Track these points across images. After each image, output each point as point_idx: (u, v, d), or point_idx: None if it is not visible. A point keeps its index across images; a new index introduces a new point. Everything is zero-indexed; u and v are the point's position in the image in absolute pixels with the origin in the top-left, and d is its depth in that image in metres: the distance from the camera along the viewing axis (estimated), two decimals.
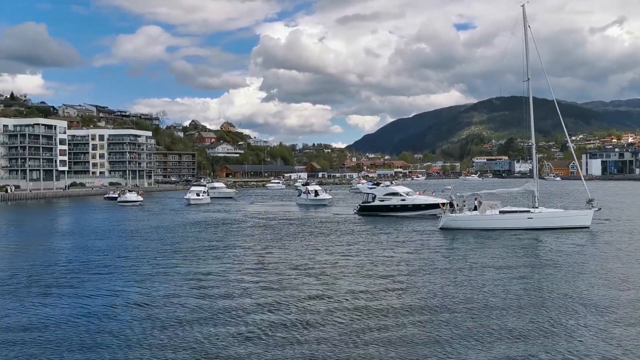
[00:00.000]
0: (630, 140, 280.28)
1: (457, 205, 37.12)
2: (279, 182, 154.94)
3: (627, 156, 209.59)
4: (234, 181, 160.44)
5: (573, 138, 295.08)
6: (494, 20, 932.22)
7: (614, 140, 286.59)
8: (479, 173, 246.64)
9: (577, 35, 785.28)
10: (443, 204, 45.50)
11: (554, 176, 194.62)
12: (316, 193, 69.38)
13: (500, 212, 35.53)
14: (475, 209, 36.65)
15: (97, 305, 16.71)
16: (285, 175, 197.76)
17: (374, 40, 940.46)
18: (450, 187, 41.88)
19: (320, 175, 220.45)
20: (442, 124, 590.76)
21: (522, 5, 37.21)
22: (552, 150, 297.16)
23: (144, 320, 15.01)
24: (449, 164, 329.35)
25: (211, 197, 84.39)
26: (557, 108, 36.72)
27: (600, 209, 36.15)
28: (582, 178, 39.19)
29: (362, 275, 21.04)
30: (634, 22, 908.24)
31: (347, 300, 17.06)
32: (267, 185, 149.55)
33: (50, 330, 14.28)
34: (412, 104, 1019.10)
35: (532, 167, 38.21)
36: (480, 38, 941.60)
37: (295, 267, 23.23)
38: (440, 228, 36.09)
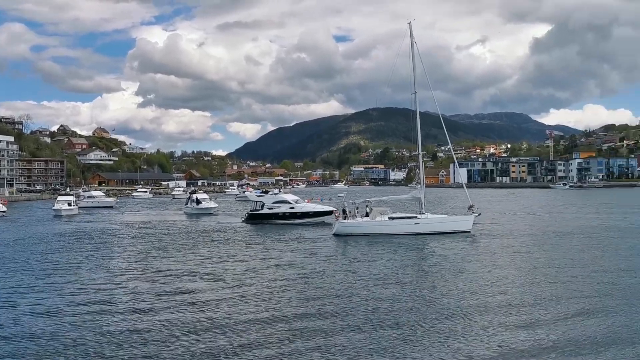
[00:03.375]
0: (491, 150, 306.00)
1: (350, 212, 37.62)
2: (146, 191, 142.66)
3: (489, 165, 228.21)
4: (107, 189, 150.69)
5: (442, 148, 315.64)
6: (371, 34, 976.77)
7: (477, 150, 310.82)
8: (344, 182, 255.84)
9: (445, 52, 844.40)
10: (332, 212, 46.25)
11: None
12: (198, 201, 66.80)
13: (390, 218, 36.52)
14: (366, 215, 37.32)
15: None
16: (163, 183, 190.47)
17: (255, 48, 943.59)
18: (343, 194, 42.35)
19: (200, 183, 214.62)
20: (322, 133, 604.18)
21: (409, 23, 38.71)
22: (424, 159, 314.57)
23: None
24: (328, 172, 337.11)
25: (89, 207, 78.73)
26: (442, 121, 38.73)
27: (480, 214, 38.40)
28: (464, 186, 41.44)
29: (257, 283, 20.44)
30: (495, 42, 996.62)
31: (235, 308, 16.61)
32: (133, 194, 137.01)
33: None
34: (293, 113, 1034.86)
35: (420, 176, 39.78)
36: (358, 50, 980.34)
37: (180, 276, 22.38)
38: (334, 234, 36.43)
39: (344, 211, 37.81)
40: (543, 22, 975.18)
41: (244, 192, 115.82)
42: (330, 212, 47.40)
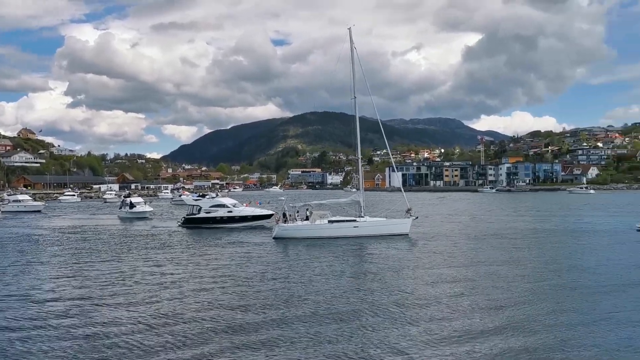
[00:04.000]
0: (426, 155, 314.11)
1: (290, 215, 37.52)
2: (74, 195, 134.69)
3: (424, 169, 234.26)
4: (33, 193, 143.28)
5: (378, 152, 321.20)
6: (309, 38, 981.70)
7: (412, 155, 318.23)
8: (280, 185, 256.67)
9: (382, 58, 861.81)
10: (271, 215, 45.98)
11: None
12: (132, 205, 64.59)
13: (330, 221, 36.68)
14: (307, 219, 37.32)
15: None
16: (94, 186, 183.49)
17: (191, 49, 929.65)
18: (283, 198, 42.14)
19: (133, 186, 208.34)
20: (260, 136, 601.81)
21: (349, 28, 39.09)
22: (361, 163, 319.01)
23: None
24: (265, 175, 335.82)
25: (15, 211, 74.70)
26: (381, 126, 39.20)
27: (417, 217, 39.21)
28: (402, 190, 42.18)
29: (195, 287, 19.98)
30: (429, 49, 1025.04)
31: (173, 312, 16.04)
32: (60, 198, 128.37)
33: None
34: (229, 116, 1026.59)
35: (359, 180, 40.16)
36: (296, 54, 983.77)
37: (114, 281, 21.66)
38: (274, 238, 36.27)
39: (284, 215, 37.68)
40: (474, 32, 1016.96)
41: (180, 195, 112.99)
42: (269, 216, 47.12)
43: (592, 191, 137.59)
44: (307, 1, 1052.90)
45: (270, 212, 48.14)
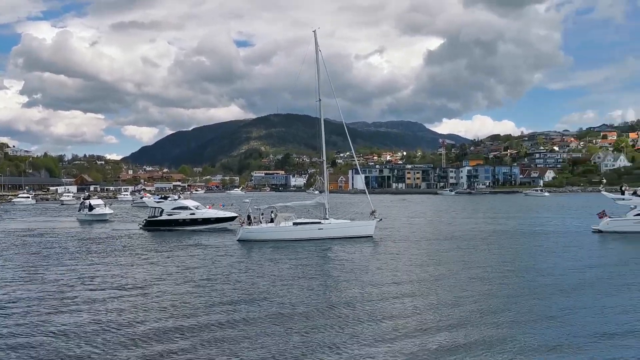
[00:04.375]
0: (388, 157, 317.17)
1: (255, 217, 37.30)
2: (28, 197, 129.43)
3: (386, 172, 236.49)
4: None
5: (341, 155, 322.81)
6: (273, 40, 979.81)
7: (375, 157, 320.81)
8: (242, 187, 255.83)
9: (345, 61, 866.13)
10: (234, 218, 45.61)
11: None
12: (91, 207, 63.06)
13: (294, 223, 36.62)
14: (271, 221, 37.16)
15: None
16: (51, 188, 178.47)
17: (152, 49, 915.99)
18: (248, 200, 41.83)
19: (92, 188, 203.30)
20: (222, 138, 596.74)
21: (314, 31, 39.10)
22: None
23: None
24: (228, 177, 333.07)
25: None
26: (346, 129, 39.43)
27: (381, 219, 39.51)
28: (367, 192, 42.44)
29: (158, 290, 19.67)
30: (392, 52, 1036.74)
31: (135, 316, 15.88)
32: (13, 200, 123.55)
33: None
34: (192, 117, 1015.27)
35: (324, 182, 40.21)
36: (259, 55, 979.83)
37: (73, 284, 21.18)
38: (238, 240, 36.04)
39: (248, 217, 37.43)
40: (436, 36, 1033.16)
41: (141, 197, 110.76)
42: (232, 218, 46.75)
43: (546, 194, 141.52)
44: (270, 2, 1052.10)
45: (233, 214, 47.76)
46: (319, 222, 37.07)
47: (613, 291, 19.23)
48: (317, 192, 35.08)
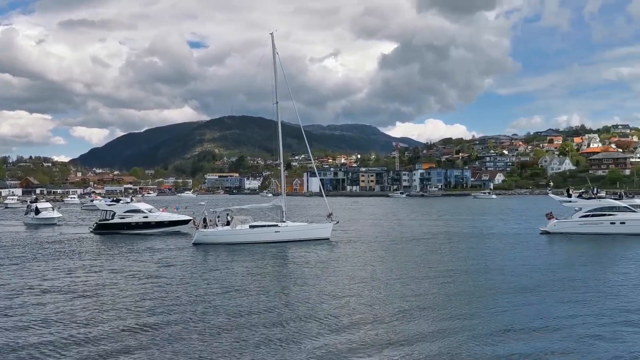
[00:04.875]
0: (343, 160, 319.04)
1: (211, 220, 36.89)
2: None
3: (341, 175, 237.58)
4: None
5: (296, 157, 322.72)
6: (227, 41, 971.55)
7: (330, 160, 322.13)
8: (194, 190, 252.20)
9: (300, 63, 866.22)
10: (188, 221, 44.90)
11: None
12: (37, 211, 60.83)
13: (251, 226, 36.44)
14: (228, 224, 36.82)
15: None
16: None
17: (103, 49, 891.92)
18: (204, 203, 41.27)
19: (38, 191, 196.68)
20: (175, 140, 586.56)
21: (271, 33, 39.04)
22: (278, 168, 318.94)
23: None
24: (181, 180, 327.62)
25: None
26: (303, 132, 39.50)
27: (338, 222, 39.72)
28: (324, 195, 42.60)
29: (110, 295, 19.37)
30: (346, 56, 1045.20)
31: (86, 321, 15.70)
32: None
33: None
34: (144, 118, 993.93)
35: (280, 184, 40.11)
36: (213, 57, 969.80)
37: (19, 290, 20.60)
38: (194, 243, 35.57)
39: (204, 220, 36.97)
40: (390, 40, 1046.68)
41: (91, 200, 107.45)
42: (186, 222, 46.02)
43: (494, 196, 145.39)
44: (224, 3, 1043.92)
45: (188, 217, 47.04)
46: (276, 225, 37.01)
47: (558, 289, 20.05)
48: (270, 194, 34.78)
